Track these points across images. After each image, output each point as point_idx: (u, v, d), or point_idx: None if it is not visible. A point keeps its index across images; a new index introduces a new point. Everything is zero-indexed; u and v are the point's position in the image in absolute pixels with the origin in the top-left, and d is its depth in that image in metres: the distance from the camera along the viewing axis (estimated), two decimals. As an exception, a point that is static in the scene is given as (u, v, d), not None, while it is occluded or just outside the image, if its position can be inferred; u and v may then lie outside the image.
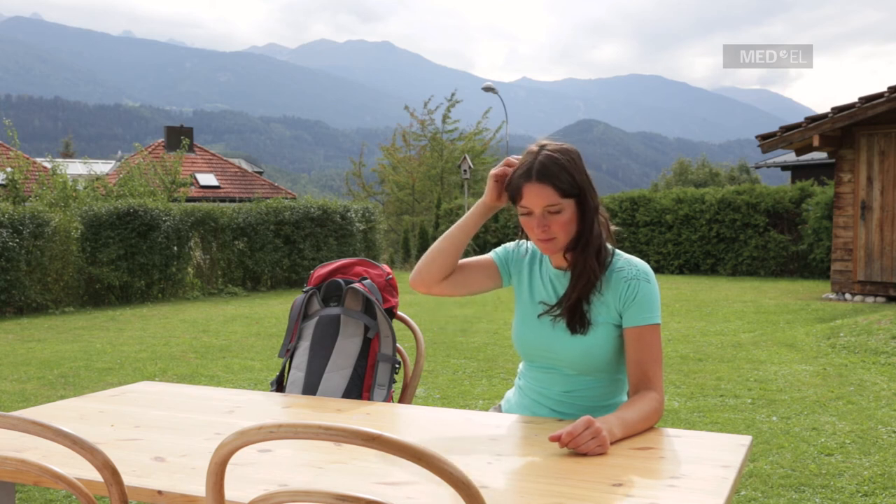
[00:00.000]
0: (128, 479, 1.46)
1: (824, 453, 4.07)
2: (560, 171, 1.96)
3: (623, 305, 2.01)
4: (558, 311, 2.04)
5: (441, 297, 2.25)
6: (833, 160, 11.42)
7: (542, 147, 2.01)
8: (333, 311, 2.50)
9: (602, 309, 2.02)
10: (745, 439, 1.77)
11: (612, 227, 2.13)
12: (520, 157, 2.06)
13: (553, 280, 2.11)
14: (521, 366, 2.24)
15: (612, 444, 1.71)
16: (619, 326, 2.02)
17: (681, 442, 1.77)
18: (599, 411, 1.99)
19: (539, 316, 2.09)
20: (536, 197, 1.96)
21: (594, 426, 1.67)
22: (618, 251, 2.10)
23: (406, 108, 25.50)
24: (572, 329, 2.02)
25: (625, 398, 2.11)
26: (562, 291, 2.07)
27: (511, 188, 2.02)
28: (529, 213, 1.99)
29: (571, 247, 2.02)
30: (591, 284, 2.01)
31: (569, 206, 1.98)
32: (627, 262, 2.06)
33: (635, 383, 1.97)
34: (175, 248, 12.64)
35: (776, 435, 4.41)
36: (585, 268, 2.01)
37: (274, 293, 13.37)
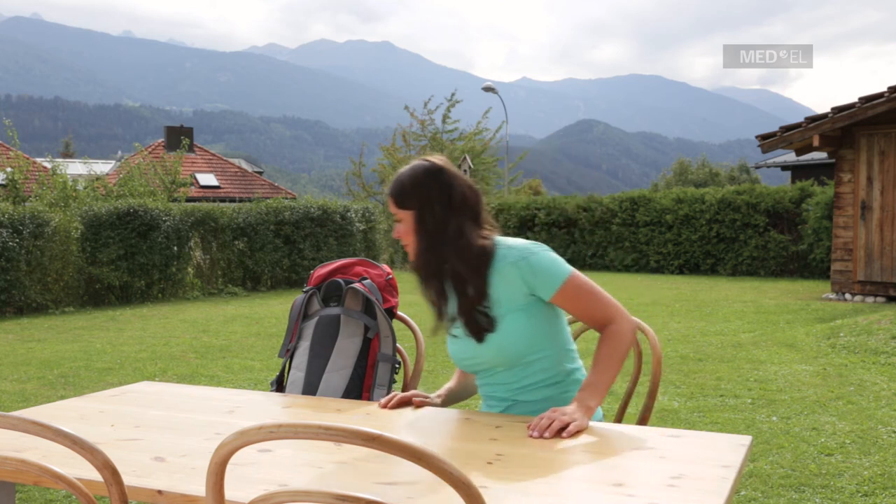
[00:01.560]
0: (128, 479, 1.46)
1: (824, 453, 4.07)
2: (399, 186, 2.12)
3: (529, 286, 2.06)
4: (459, 323, 2.14)
5: None
6: (833, 160, 11.42)
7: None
8: (333, 311, 2.50)
9: (503, 301, 2.07)
10: (745, 439, 1.77)
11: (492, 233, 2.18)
12: None
13: (452, 294, 2.18)
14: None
15: (597, 406, 1.95)
16: (531, 307, 2.08)
17: (681, 442, 1.77)
18: (560, 385, 2.10)
19: (448, 332, 2.20)
20: (390, 207, 2.17)
21: (553, 412, 1.85)
22: (499, 240, 2.15)
23: (406, 108, 25.48)
24: (476, 335, 2.09)
25: (578, 364, 2.19)
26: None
27: None
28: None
29: (418, 254, 2.14)
30: (467, 288, 2.08)
31: (406, 216, 2.12)
32: (507, 248, 2.11)
33: (596, 328, 2.10)
34: (175, 248, 12.64)
35: (776, 435, 4.41)
36: (455, 274, 2.10)
37: (274, 293, 13.37)
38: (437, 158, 2.17)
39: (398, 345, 2.63)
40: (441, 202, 2.09)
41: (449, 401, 2.31)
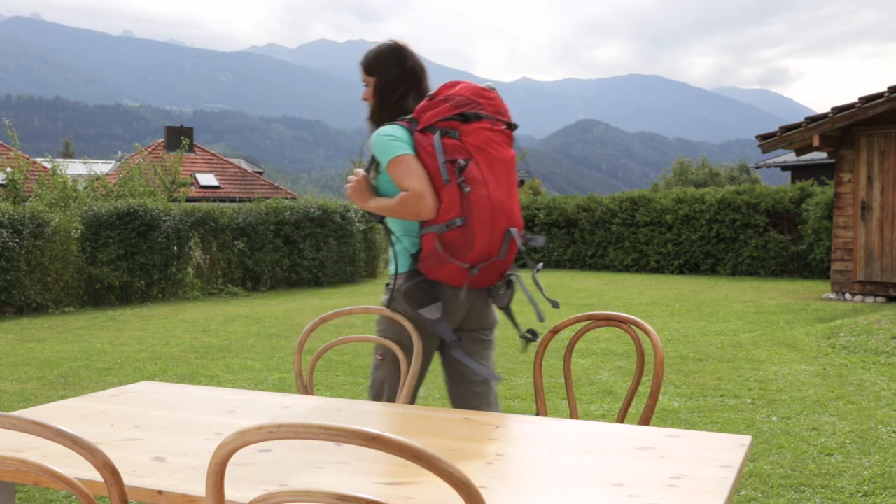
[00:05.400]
0: (128, 479, 1.46)
1: (824, 453, 4.07)
2: (367, 57, 2.76)
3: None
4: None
5: None
6: (833, 160, 11.42)
7: None
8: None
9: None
10: (745, 439, 1.77)
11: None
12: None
13: None
14: None
15: (361, 204, 2.63)
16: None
17: (681, 442, 1.77)
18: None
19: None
20: (361, 76, 2.79)
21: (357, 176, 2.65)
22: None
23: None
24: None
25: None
26: None
27: None
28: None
29: (373, 110, 2.75)
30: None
31: (371, 81, 2.75)
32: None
33: None
34: (175, 248, 12.64)
35: (776, 435, 4.41)
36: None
37: (274, 293, 13.37)
38: (399, 40, 2.77)
39: (394, 344, 2.64)
40: (396, 71, 2.70)
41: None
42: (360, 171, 2.66)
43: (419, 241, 2.56)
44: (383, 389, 2.70)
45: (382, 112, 2.70)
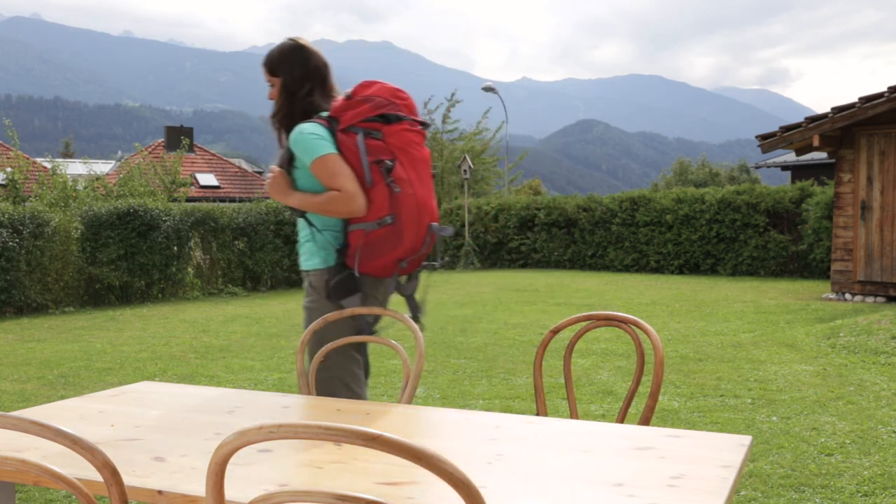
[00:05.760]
0: (128, 479, 1.46)
1: (824, 453, 4.07)
2: (270, 57, 2.82)
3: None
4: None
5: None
6: (833, 160, 11.42)
7: None
8: None
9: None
10: (745, 439, 1.77)
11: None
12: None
13: None
14: None
15: (282, 199, 2.72)
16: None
17: (681, 442, 1.77)
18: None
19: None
20: (265, 76, 2.85)
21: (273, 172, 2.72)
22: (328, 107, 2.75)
23: (406, 107, 25.46)
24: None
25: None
26: None
27: None
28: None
29: (278, 109, 2.81)
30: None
31: (276, 82, 2.81)
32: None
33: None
34: (175, 248, 12.64)
35: (776, 435, 4.41)
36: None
37: (274, 293, 13.37)
38: (299, 38, 2.85)
39: (397, 344, 2.64)
40: (300, 70, 2.77)
41: None
42: (276, 168, 2.75)
43: (343, 236, 2.70)
44: (342, 390, 2.72)
45: (291, 110, 2.79)
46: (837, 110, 10.40)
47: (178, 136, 27.03)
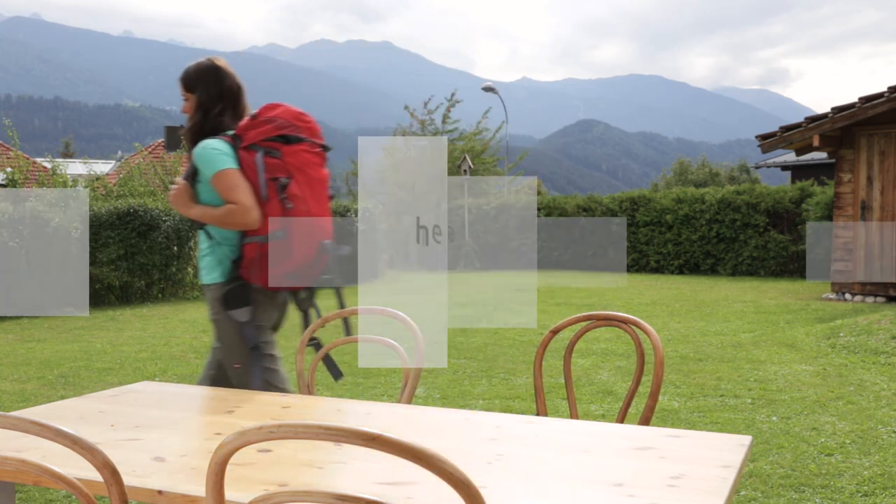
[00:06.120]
0: (128, 479, 1.46)
1: (824, 453, 4.07)
2: (187, 74, 2.94)
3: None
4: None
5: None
6: (833, 160, 11.42)
7: None
8: None
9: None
10: (745, 439, 1.77)
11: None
12: None
13: None
14: None
15: (182, 211, 2.84)
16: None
17: (681, 442, 1.77)
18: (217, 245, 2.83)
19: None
20: (181, 91, 2.96)
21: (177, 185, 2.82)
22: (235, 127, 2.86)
23: (406, 107, 25.46)
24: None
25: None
26: None
27: None
28: None
29: (191, 125, 2.92)
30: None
31: (191, 97, 2.93)
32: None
33: None
34: (175, 248, 12.64)
35: (776, 435, 4.41)
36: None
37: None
38: (217, 59, 2.99)
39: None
40: (215, 89, 2.90)
41: None
42: (181, 180, 2.87)
43: (239, 249, 2.83)
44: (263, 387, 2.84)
45: (201, 127, 2.91)
46: (837, 110, 10.40)
47: (178, 136, 26.99)
